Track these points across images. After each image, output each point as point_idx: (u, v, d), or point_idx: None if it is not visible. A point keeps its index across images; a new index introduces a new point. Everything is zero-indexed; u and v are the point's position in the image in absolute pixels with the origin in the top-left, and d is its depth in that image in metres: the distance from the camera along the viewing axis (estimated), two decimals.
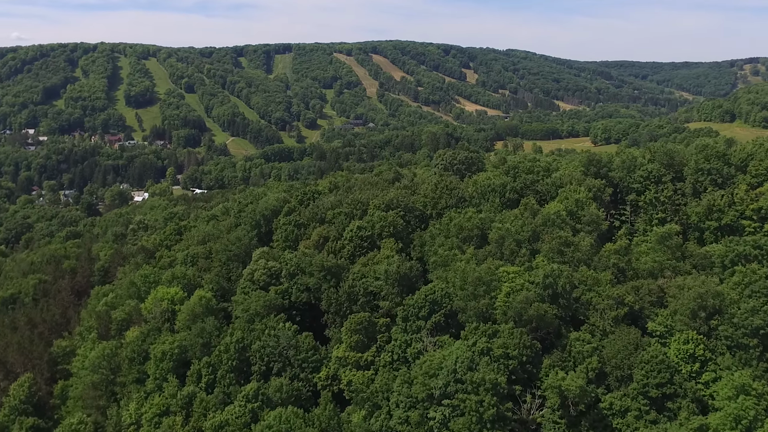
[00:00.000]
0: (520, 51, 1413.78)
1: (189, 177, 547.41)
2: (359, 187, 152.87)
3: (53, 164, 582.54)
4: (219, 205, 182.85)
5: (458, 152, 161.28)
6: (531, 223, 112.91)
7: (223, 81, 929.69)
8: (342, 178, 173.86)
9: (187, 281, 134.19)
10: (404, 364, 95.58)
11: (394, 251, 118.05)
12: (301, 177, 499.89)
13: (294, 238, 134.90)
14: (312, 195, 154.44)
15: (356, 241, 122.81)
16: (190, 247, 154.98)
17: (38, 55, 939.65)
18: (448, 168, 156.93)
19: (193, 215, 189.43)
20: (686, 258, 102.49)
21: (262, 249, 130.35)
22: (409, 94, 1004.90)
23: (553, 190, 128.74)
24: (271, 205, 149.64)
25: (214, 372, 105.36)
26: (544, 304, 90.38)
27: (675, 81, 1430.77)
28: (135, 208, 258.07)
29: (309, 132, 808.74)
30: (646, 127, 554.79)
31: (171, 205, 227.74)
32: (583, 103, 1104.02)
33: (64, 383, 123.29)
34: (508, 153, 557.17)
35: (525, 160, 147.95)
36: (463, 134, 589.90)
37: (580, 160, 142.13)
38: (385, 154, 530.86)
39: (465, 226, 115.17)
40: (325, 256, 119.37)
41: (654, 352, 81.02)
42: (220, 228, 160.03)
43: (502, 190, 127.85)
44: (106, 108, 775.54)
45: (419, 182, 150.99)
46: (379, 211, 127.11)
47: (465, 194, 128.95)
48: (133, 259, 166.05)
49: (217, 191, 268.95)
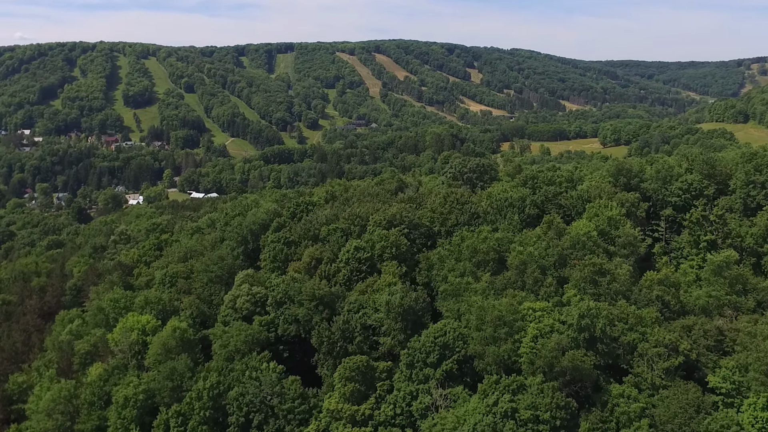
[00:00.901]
0: (525, 50, 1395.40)
1: (186, 179, 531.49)
2: (358, 197, 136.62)
3: (47, 166, 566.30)
4: (205, 216, 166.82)
5: (469, 159, 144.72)
6: (556, 245, 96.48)
7: (224, 80, 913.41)
8: (340, 187, 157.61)
9: (162, 306, 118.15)
10: (408, 420, 79.33)
11: (396, 276, 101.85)
12: (301, 179, 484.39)
13: (283, 258, 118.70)
14: (305, 207, 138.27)
15: (353, 264, 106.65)
16: (170, 265, 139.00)
17: (36, 54, 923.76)
18: (458, 177, 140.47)
19: (177, 226, 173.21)
20: (748, 292, 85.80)
21: (246, 272, 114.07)
22: (412, 94, 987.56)
23: (579, 205, 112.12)
24: (260, 218, 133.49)
25: (184, 423, 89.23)
26: (579, 352, 74.01)
27: (681, 81, 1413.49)
28: (121, 215, 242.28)
29: (310, 133, 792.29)
30: (657, 128, 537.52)
31: (157, 214, 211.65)
32: (589, 103, 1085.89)
33: (17, 427, 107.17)
34: (515, 155, 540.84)
35: (545, 169, 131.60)
36: (469, 135, 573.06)
37: (607, 170, 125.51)
38: (388, 155, 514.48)
39: (479, 248, 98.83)
40: (317, 282, 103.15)
41: (724, 420, 64.53)
42: (204, 243, 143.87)
43: (521, 205, 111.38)
44: (104, 108, 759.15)
45: (425, 193, 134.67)
46: (380, 229, 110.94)
47: (478, 209, 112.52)
48: (108, 277, 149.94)
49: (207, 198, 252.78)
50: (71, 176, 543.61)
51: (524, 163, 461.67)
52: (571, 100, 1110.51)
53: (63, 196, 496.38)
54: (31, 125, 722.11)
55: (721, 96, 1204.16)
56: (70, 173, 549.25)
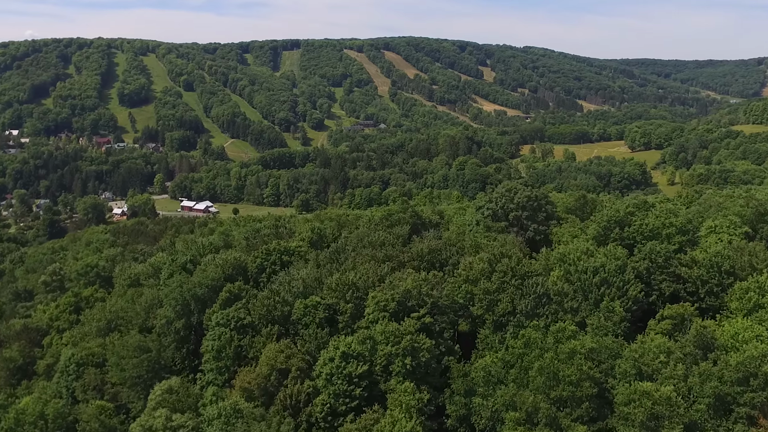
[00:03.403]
0: (538, 48, 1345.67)
1: (178, 185, 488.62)
2: (354, 245, 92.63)
3: (30, 170, 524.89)
4: (150, 259, 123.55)
5: (514, 187, 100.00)
6: (710, 374, 52.41)
7: (225, 78, 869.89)
8: (331, 222, 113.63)
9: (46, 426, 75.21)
10: None
11: (412, 413, 58.27)
12: (302, 186, 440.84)
13: (233, 354, 75.11)
14: (279, 258, 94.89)
15: (339, 385, 62.90)
16: (83, 342, 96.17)
17: (30, 50, 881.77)
18: (501, 215, 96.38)
19: (118, 269, 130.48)
20: None
21: (168, 383, 70.71)
22: (423, 93, 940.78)
23: (711, 278, 67.87)
24: (209, 279, 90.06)
25: None
26: None
27: (700, 80, 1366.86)
28: (73, 240, 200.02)
29: (315, 134, 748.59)
30: (692, 132, 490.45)
31: (108, 243, 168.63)
32: (606, 102, 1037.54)
33: None
34: (536, 159, 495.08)
35: (633, 207, 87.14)
36: (485, 138, 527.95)
37: (737, 213, 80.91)
38: (398, 160, 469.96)
39: (563, 375, 54.93)
40: (279, 421, 59.61)
41: None
42: (138, 307, 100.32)
43: (619, 283, 67.07)
44: (97, 107, 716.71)
45: (452, 240, 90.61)
46: (385, 319, 67.30)
47: (548, 287, 68.10)
48: (7, 350, 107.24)
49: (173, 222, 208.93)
50: (54, 181, 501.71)
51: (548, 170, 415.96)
52: (588, 99, 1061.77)
53: (43, 204, 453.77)
54: (20, 125, 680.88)
55: (741, 96, 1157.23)
56: (53, 178, 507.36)
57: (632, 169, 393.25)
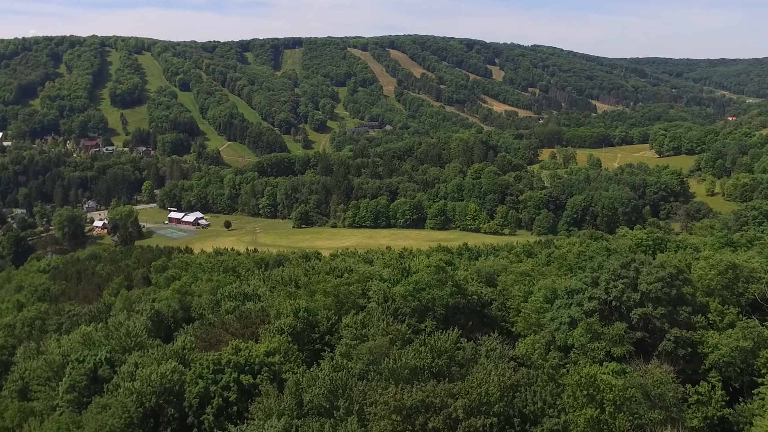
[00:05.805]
0: (547, 47, 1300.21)
1: (167, 194, 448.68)
2: (363, 371, 52.80)
3: (9, 176, 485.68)
4: (58, 343, 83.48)
5: (640, 262, 59.63)
6: None
7: (223, 78, 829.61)
8: (325, 300, 73.82)
9: None
10: None
11: None
12: (302, 196, 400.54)
13: None
14: (235, 380, 55.19)
15: None
16: None
17: (20, 48, 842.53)
18: (611, 310, 56.03)
19: (20, 351, 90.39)
20: None
21: None
22: (430, 93, 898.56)
23: None
24: (155, 386, 50.19)
25: None
26: None
27: (713, 79, 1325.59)
28: (6, 280, 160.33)
29: (317, 136, 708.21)
30: (729, 135, 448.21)
31: (41, 290, 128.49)
32: (620, 102, 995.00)
33: None
34: (557, 165, 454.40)
35: None
36: (501, 142, 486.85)
37: None
38: (406, 167, 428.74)
39: None
40: None
41: None
42: None
43: None
44: (87, 108, 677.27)
45: (534, 362, 50.65)
46: None
47: None
48: None
49: (127, 262, 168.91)
50: (33, 189, 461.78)
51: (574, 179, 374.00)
52: (601, 99, 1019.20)
53: (18, 215, 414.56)
54: (4, 127, 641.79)
55: (758, 95, 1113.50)
56: (32, 185, 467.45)
57: (669, 179, 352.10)
